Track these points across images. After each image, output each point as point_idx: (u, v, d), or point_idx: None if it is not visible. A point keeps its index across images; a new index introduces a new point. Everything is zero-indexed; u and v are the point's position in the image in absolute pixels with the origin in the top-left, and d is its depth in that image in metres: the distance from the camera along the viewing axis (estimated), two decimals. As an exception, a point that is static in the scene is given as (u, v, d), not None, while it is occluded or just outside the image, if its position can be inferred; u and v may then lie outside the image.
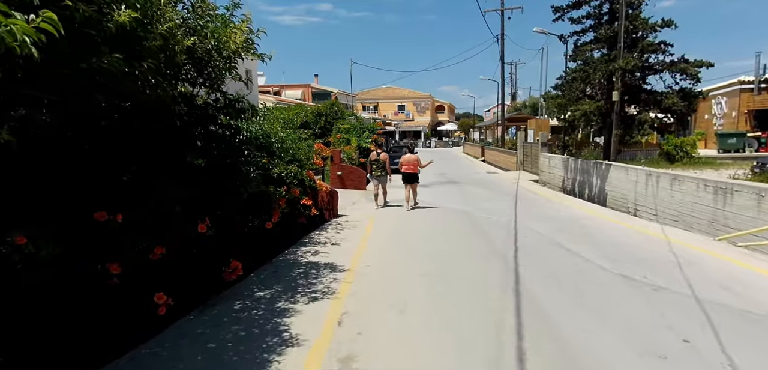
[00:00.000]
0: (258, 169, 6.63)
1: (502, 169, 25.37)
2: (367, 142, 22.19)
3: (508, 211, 11.99)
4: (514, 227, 9.59)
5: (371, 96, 60.51)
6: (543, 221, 10.31)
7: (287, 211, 7.42)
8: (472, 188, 17.63)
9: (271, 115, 8.25)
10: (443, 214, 11.78)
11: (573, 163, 16.11)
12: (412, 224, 10.35)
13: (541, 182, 19.29)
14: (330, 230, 9.76)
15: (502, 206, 12.99)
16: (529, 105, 46.29)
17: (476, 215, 11.41)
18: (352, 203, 13.96)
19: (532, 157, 22.01)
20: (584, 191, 15.12)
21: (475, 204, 13.29)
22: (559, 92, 15.31)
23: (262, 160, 6.68)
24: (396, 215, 11.88)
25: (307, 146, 9.70)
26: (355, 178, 17.24)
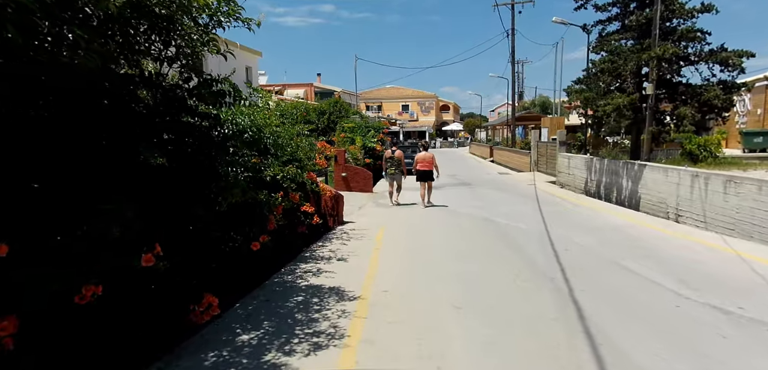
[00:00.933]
0: (247, 171, 5.24)
1: (514, 170, 23.94)
2: (373, 141, 20.81)
3: (532, 217, 10.57)
4: (548, 238, 8.17)
5: (375, 96, 59.11)
6: (578, 230, 8.89)
7: (283, 222, 6.02)
8: (486, 190, 16.20)
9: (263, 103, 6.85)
10: (461, 221, 10.36)
11: (598, 163, 14.67)
12: (429, 234, 8.94)
13: (560, 184, 17.84)
14: (335, 241, 8.36)
15: (524, 210, 11.57)
16: (538, 104, 44.85)
17: (499, 222, 9.99)
18: (358, 208, 12.55)
19: (548, 157, 20.57)
20: (611, 193, 13.67)
21: (493, 209, 11.86)
22: (584, 86, 13.87)
23: (251, 159, 5.28)
24: (409, 220, 10.47)
25: (309, 144, 8.29)
26: (360, 180, 15.85)
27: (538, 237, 8.30)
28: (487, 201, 13.44)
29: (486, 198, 14.15)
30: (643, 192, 11.94)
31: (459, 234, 8.88)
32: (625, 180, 12.90)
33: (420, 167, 11.98)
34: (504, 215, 10.89)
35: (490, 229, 9.27)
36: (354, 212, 11.90)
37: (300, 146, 7.03)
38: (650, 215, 11.25)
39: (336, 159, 15.78)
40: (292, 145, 6.73)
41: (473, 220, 10.38)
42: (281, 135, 6.38)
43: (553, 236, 8.29)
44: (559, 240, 7.94)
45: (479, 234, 8.83)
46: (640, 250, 7.22)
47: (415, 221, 10.51)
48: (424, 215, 11.32)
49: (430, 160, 12.06)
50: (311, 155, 8.39)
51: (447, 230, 9.36)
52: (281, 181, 5.98)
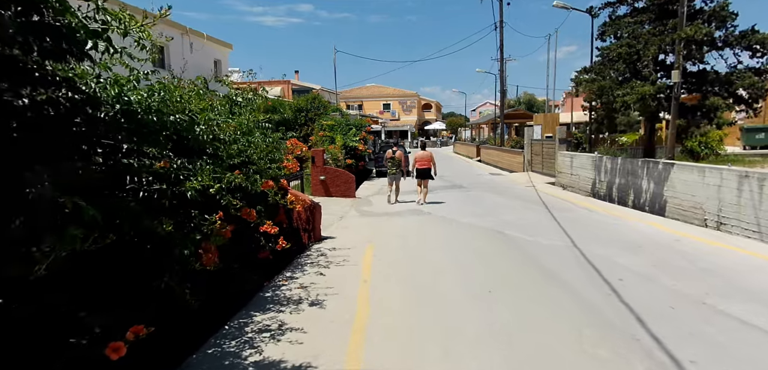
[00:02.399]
0: (152, 177, 3.11)
1: (506, 170, 22.19)
2: (355, 140, 18.72)
3: (549, 227, 8.69)
4: (585, 260, 6.26)
5: (355, 95, 56.92)
6: (615, 247, 7.02)
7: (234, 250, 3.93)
8: (482, 193, 14.30)
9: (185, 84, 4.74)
10: (466, 234, 8.40)
11: (609, 163, 12.94)
12: (431, 254, 6.92)
13: (561, 185, 16.11)
14: (309, 269, 6.27)
15: (535, 219, 9.69)
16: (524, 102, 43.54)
17: (513, 236, 8.06)
18: (339, 218, 10.46)
19: (544, 156, 18.86)
20: (626, 196, 11.94)
21: (498, 217, 9.95)
22: (594, 75, 12.12)
23: (152, 163, 3.13)
24: (402, 234, 8.44)
25: (273, 143, 6.19)
26: (341, 183, 13.76)
27: (573, 258, 6.38)
28: (488, 207, 11.53)
29: (485, 203, 12.24)
30: (669, 195, 10.20)
31: (471, 254, 6.88)
32: (645, 181, 11.16)
33: (418, 166, 11.96)
34: (514, 225, 8.97)
35: (506, 246, 7.32)
36: (334, 224, 9.82)
37: (252, 143, 4.92)
38: (681, 221, 9.51)
39: (313, 160, 13.65)
40: (241, 141, 4.63)
41: (481, 233, 8.42)
42: (218, 124, 4.26)
43: (589, 256, 6.39)
44: (602, 263, 6.03)
45: (496, 254, 6.86)
46: (716, 278, 5.36)
47: (410, 234, 8.49)
48: (420, 226, 9.32)
49: (429, 159, 12.01)
50: (276, 156, 6.28)
51: (452, 247, 7.37)
52: (219, 197, 3.86)
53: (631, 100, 10.02)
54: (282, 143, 6.52)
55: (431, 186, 15.34)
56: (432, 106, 66.02)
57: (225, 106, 5.12)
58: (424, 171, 12.01)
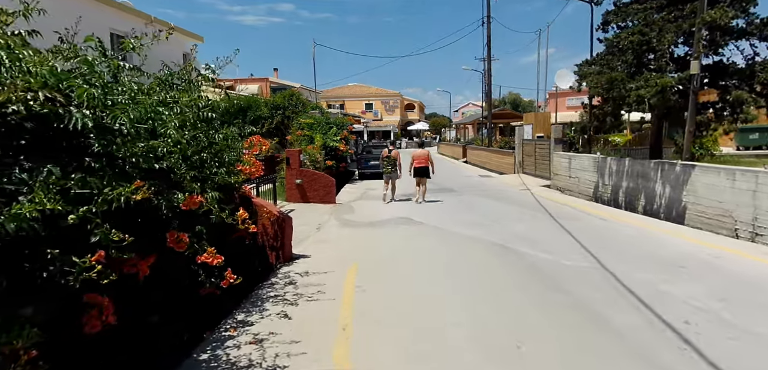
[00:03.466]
0: None
1: (495, 172, 20.95)
2: (336, 140, 17.17)
3: (564, 242, 7.34)
4: (622, 287, 4.89)
5: (337, 94, 55.18)
6: (651, 267, 5.69)
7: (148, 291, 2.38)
8: (476, 198, 12.94)
9: None
10: (467, 251, 6.96)
11: (615, 164, 11.72)
12: (432, 286, 5.45)
13: (557, 188, 14.89)
14: (270, 307, 4.73)
15: (542, 229, 8.35)
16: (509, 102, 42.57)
17: (525, 253, 6.66)
18: (316, 229, 8.92)
19: (537, 157, 17.65)
20: (636, 201, 10.72)
21: (500, 227, 8.58)
22: (599, 67, 10.86)
23: None
24: (391, 251, 6.95)
25: (223, 141, 4.66)
26: (320, 188, 12.20)
27: (610, 287, 5.00)
28: (485, 214, 10.15)
29: (481, 209, 10.87)
30: (690, 201, 8.97)
31: (480, 283, 5.43)
32: (659, 185, 9.94)
33: (416, 165, 12.02)
34: (522, 239, 7.59)
35: (522, 270, 5.91)
36: (310, 236, 8.27)
37: (169, 136, 3.38)
38: (706, 231, 8.28)
39: (288, 162, 12.06)
40: (140, 127, 3.08)
41: (486, 249, 7.00)
42: (118, 110, 2.71)
43: (628, 283, 5.02)
44: (649, 294, 4.67)
45: (513, 284, 5.42)
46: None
47: (400, 251, 7.02)
48: (412, 239, 7.86)
49: (426, 157, 12.15)
50: (227, 158, 4.74)
51: (453, 271, 5.92)
52: (90, 228, 2.29)
53: (649, 94, 8.77)
54: (236, 141, 4.96)
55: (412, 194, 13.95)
56: (415, 106, 64.74)
57: (132, 84, 3.54)
58: (421, 170, 12.06)
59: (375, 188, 15.91)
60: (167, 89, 4.51)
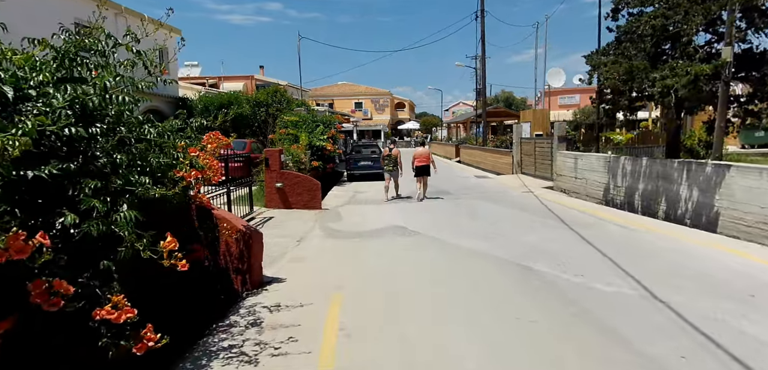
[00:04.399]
0: None
1: (491, 172, 19.77)
2: (322, 139, 15.80)
3: (586, 256, 6.13)
4: (690, 326, 3.67)
5: (326, 93, 53.67)
6: (711, 293, 4.49)
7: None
8: (476, 202, 11.70)
9: None
10: (480, 273, 5.70)
11: (629, 164, 10.56)
12: (442, 327, 4.16)
13: (562, 190, 13.73)
14: (216, 365, 3.39)
15: (559, 241, 7.13)
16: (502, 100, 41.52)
17: (547, 275, 5.42)
18: (296, 242, 7.57)
19: (537, 156, 16.49)
20: (655, 205, 9.56)
21: (511, 239, 7.35)
22: (613, 57, 9.67)
23: None
24: (387, 272, 5.65)
25: (159, 136, 3.32)
26: (303, 191, 10.85)
27: (677, 329, 3.76)
28: (489, 222, 8.92)
29: (483, 215, 9.63)
30: (724, 206, 7.81)
31: (496, 323, 4.15)
32: (684, 188, 8.78)
33: (417, 163, 12.07)
34: (540, 253, 6.35)
35: (549, 299, 4.65)
36: (288, 251, 6.93)
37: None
38: (744, 240, 7.13)
39: (267, 163, 10.68)
40: None
41: (497, 269, 5.74)
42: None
43: (697, 321, 3.79)
44: (732, 338, 3.44)
45: (542, 324, 4.13)
46: None
47: (396, 273, 5.71)
48: (409, 255, 6.56)
49: (427, 156, 12.26)
50: (157, 161, 3.41)
51: (462, 303, 4.64)
52: None
53: (678, 84, 7.58)
54: (169, 138, 3.63)
55: (413, 192, 12.68)
56: (405, 105, 63.50)
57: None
58: (423, 168, 12.09)
59: (365, 190, 14.61)
60: (68, 64, 3.15)
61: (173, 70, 21.61)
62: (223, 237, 5.41)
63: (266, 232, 8.24)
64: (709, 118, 9.79)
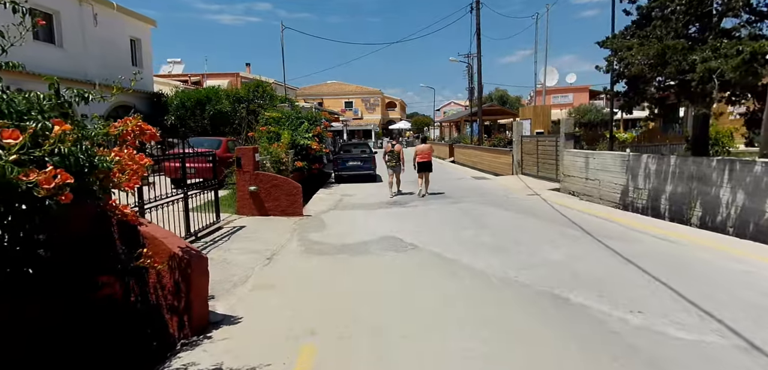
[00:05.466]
0: None
1: (489, 172, 18.40)
2: (307, 137, 14.29)
3: (634, 282, 4.75)
4: None
5: (315, 92, 51.97)
6: None
7: None
8: (478, 206, 10.29)
9: None
10: (499, 305, 4.27)
11: (654, 163, 9.24)
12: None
13: (570, 192, 12.40)
14: None
15: (588, 258, 5.74)
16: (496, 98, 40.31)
17: (592, 311, 4.01)
18: (265, 260, 6.06)
19: (540, 156, 15.15)
20: (688, 210, 8.23)
21: (531, 256, 5.94)
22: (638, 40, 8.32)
23: None
24: (378, 298, 4.17)
25: None
26: (282, 196, 9.33)
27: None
28: (499, 232, 7.51)
29: (492, 224, 8.22)
30: (780, 213, 6.50)
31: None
32: (725, 191, 7.45)
33: (419, 159, 12.17)
34: (572, 277, 4.95)
35: (610, 355, 3.23)
36: (252, 275, 5.42)
37: None
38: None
39: (239, 163, 9.15)
40: None
41: (522, 303, 4.31)
42: None
43: None
44: None
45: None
46: None
47: (387, 310, 4.25)
48: (406, 281, 5.11)
49: (429, 152, 12.42)
50: None
51: (482, 356, 3.21)
52: None
53: (727, 67, 6.24)
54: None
55: (411, 198, 11.27)
56: (396, 104, 62.04)
57: None
58: (425, 164, 12.14)
59: (354, 193, 13.14)
60: None
61: (147, 62, 19.86)
62: (153, 273, 3.91)
63: (231, 246, 6.73)
64: (751, 109, 8.47)
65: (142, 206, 5.58)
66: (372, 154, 16.69)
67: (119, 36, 17.85)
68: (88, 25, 16.41)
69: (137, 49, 19.17)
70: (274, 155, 11.40)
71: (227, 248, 6.65)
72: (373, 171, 16.34)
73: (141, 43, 19.23)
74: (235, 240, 7.19)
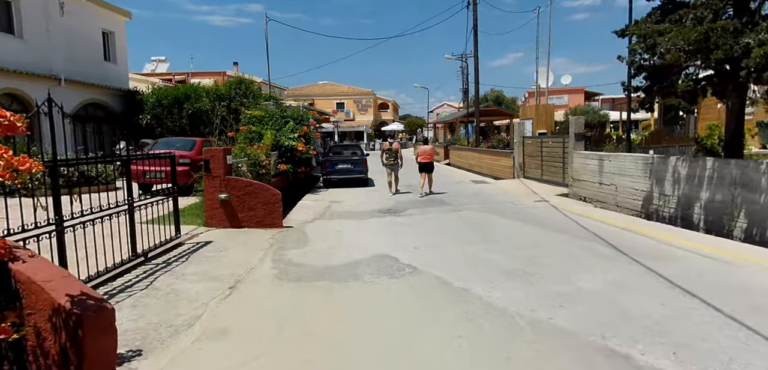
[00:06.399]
0: None
1: (489, 176, 17.22)
2: (292, 138, 13.00)
3: (717, 328, 3.52)
4: None
5: (305, 92, 50.54)
6: None
7: None
8: (483, 216, 9.07)
9: None
10: (531, 365, 3.02)
11: (684, 166, 8.08)
12: None
13: (580, 198, 11.23)
14: None
15: (635, 286, 4.54)
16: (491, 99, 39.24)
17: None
18: (226, 291, 4.73)
19: (544, 158, 14.00)
20: (730, 221, 7.07)
21: (559, 283, 4.73)
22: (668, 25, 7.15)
23: None
24: (367, 357, 2.95)
25: None
26: (258, 204, 8.01)
27: None
28: (517, 251, 6.28)
29: (504, 239, 6.99)
30: None
31: None
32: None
33: (421, 160, 12.18)
34: (627, 320, 3.74)
35: None
36: (204, 314, 4.11)
37: None
38: None
39: (208, 167, 7.82)
40: None
41: (562, 362, 3.06)
42: None
43: None
44: None
45: None
46: None
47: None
48: (403, 329, 3.84)
49: (430, 153, 12.35)
50: None
51: None
52: None
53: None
54: None
55: (401, 205, 10.03)
56: (389, 105, 60.81)
57: None
58: (426, 165, 12.14)
59: (343, 199, 11.86)
60: None
61: (122, 57, 18.39)
62: (34, 318, 2.61)
63: (186, 270, 5.41)
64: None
65: (59, 222, 4.26)
66: (364, 156, 15.41)
67: (89, 28, 16.39)
68: (54, 14, 14.95)
69: (110, 43, 17.71)
70: (252, 157, 10.09)
71: (181, 273, 5.33)
72: (365, 174, 15.06)
73: (114, 36, 17.78)
74: (195, 261, 5.87)
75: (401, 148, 13.89)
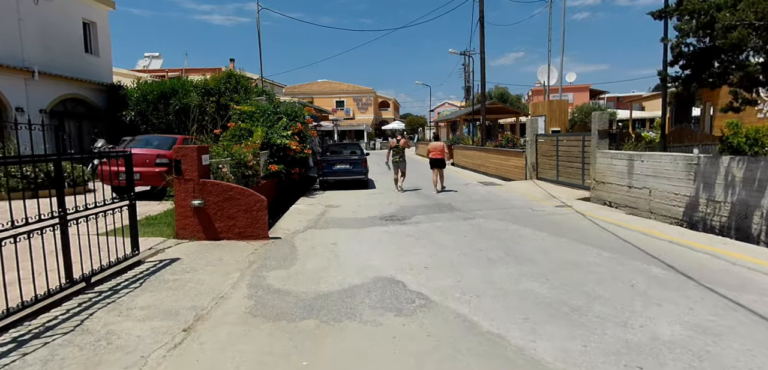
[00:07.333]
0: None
1: (498, 177, 16.01)
2: (285, 135, 11.78)
3: None
4: None
5: (304, 90, 49.29)
6: None
7: None
8: (501, 224, 7.86)
9: None
10: None
11: (739, 168, 6.90)
12: None
13: (605, 202, 10.02)
14: None
15: (739, 334, 3.31)
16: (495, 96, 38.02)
17: None
18: (177, 337, 3.48)
19: (561, 158, 12.78)
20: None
21: (642, 340, 3.50)
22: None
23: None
24: None
25: None
26: (239, 212, 6.79)
27: None
28: (550, 271, 5.08)
29: (530, 254, 5.78)
30: None
31: None
32: None
33: (432, 156, 12.18)
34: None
35: None
36: (144, 364, 2.89)
37: None
38: None
39: (179, 169, 6.60)
40: None
41: None
42: None
43: None
44: None
45: None
46: None
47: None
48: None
49: (442, 149, 12.41)
50: None
51: None
52: None
53: None
54: None
55: (404, 206, 8.81)
56: (390, 104, 59.52)
57: None
58: (437, 161, 12.08)
59: (341, 203, 10.65)
60: None
61: (105, 49, 17.15)
62: None
63: (135, 302, 4.18)
64: None
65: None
66: (363, 156, 14.20)
67: (68, 18, 15.16)
68: (26, 2, 13.73)
69: (92, 35, 16.49)
70: (237, 156, 8.87)
71: (127, 306, 4.11)
72: (365, 176, 13.86)
73: (96, 27, 16.55)
74: (151, 287, 4.65)
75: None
